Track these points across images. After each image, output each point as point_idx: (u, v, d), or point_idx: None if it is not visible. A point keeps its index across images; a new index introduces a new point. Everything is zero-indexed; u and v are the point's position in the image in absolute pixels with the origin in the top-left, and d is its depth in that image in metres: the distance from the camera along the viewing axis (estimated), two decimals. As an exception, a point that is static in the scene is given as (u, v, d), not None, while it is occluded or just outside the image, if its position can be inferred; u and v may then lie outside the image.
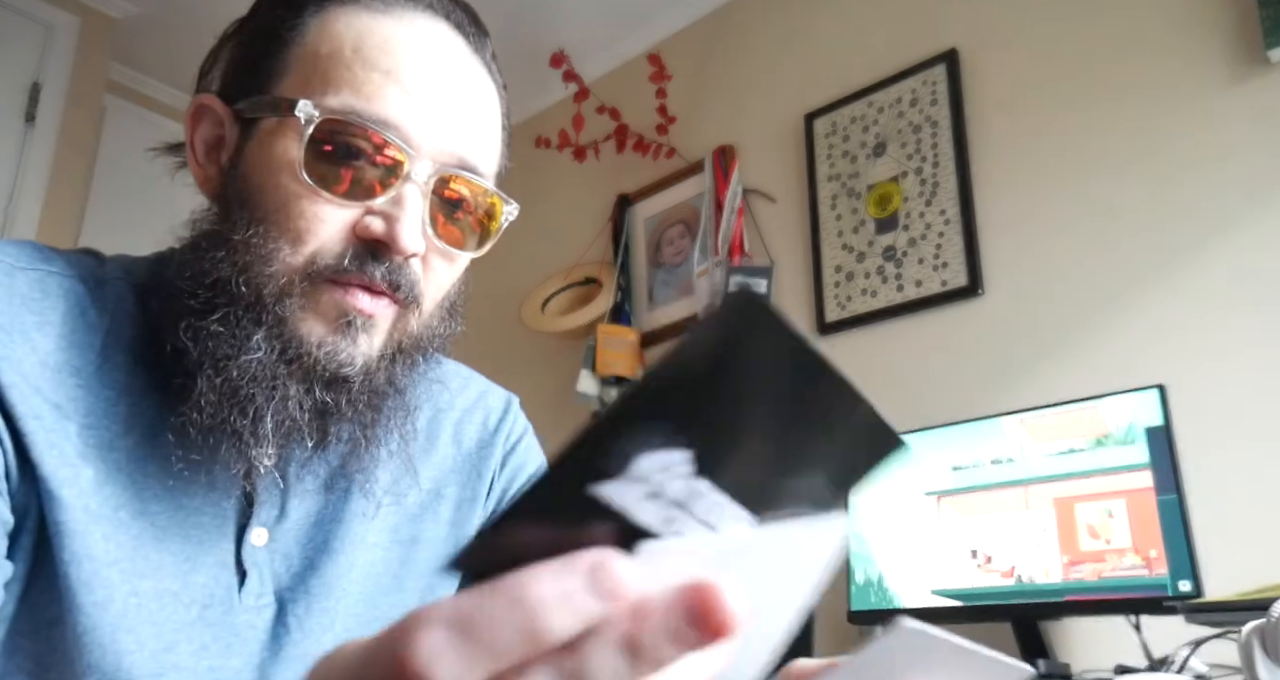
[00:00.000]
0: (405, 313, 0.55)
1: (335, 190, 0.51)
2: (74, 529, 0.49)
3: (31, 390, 0.50)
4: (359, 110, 0.51)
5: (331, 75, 0.52)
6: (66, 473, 0.50)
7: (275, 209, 0.52)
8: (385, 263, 0.52)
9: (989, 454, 1.09)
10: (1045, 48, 1.67)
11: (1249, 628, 0.83)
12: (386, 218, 0.52)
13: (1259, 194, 1.39)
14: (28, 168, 2.20)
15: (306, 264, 0.52)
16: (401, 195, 0.52)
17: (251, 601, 0.55)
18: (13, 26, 2.25)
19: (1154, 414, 1.06)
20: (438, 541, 0.63)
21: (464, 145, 0.54)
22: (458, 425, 0.67)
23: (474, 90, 0.56)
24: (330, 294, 0.52)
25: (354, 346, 0.52)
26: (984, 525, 1.07)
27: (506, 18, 2.33)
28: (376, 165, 0.52)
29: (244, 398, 0.51)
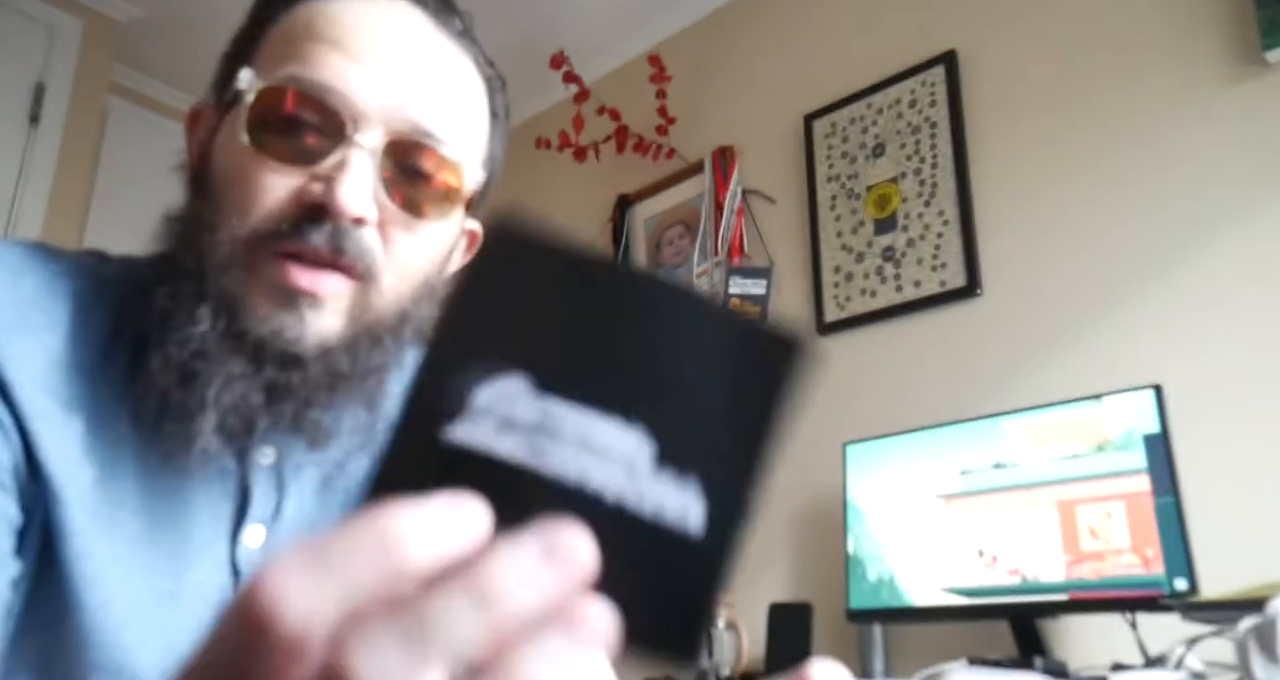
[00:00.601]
0: (364, 289, 0.53)
1: (277, 156, 0.51)
2: (77, 527, 0.49)
3: (39, 389, 0.50)
4: (299, 76, 0.51)
5: (281, 53, 0.53)
6: (70, 471, 0.50)
7: (225, 182, 0.52)
8: (327, 227, 0.50)
9: (995, 458, 1.14)
10: (1043, 49, 1.68)
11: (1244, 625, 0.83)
12: (328, 181, 0.50)
13: (1256, 195, 1.39)
14: (32, 168, 2.21)
15: (250, 233, 0.51)
16: (345, 159, 0.50)
17: None
18: (16, 28, 2.26)
19: (1151, 420, 1.09)
20: None
21: (421, 112, 0.53)
22: None
23: (435, 60, 0.55)
24: (271, 268, 0.51)
25: (302, 325, 0.51)
26: (990, 526, 1.11)
27: (507, 19, 2.34)
28: (320, 131, 0.51)
29: (189, 373, 0.50)
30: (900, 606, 1.35)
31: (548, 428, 0.23)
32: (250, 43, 0.56)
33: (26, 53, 2.27)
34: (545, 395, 0.23)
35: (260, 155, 0.51)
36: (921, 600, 1.19)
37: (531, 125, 2.61)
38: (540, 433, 0.23)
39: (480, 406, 0.22)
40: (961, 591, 1.16)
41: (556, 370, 0.23)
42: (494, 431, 0.22)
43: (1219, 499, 1.29)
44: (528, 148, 2.43)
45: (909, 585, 1.21)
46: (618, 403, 0.23)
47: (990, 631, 1.40)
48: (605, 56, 2.49)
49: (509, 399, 0.23)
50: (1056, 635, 1.37)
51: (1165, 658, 1.13)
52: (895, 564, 1.21)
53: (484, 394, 0.22)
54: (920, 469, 1.32)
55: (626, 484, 0.23)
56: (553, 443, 0.23)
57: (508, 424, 0.22)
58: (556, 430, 0.23)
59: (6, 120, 2.20)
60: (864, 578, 1.24)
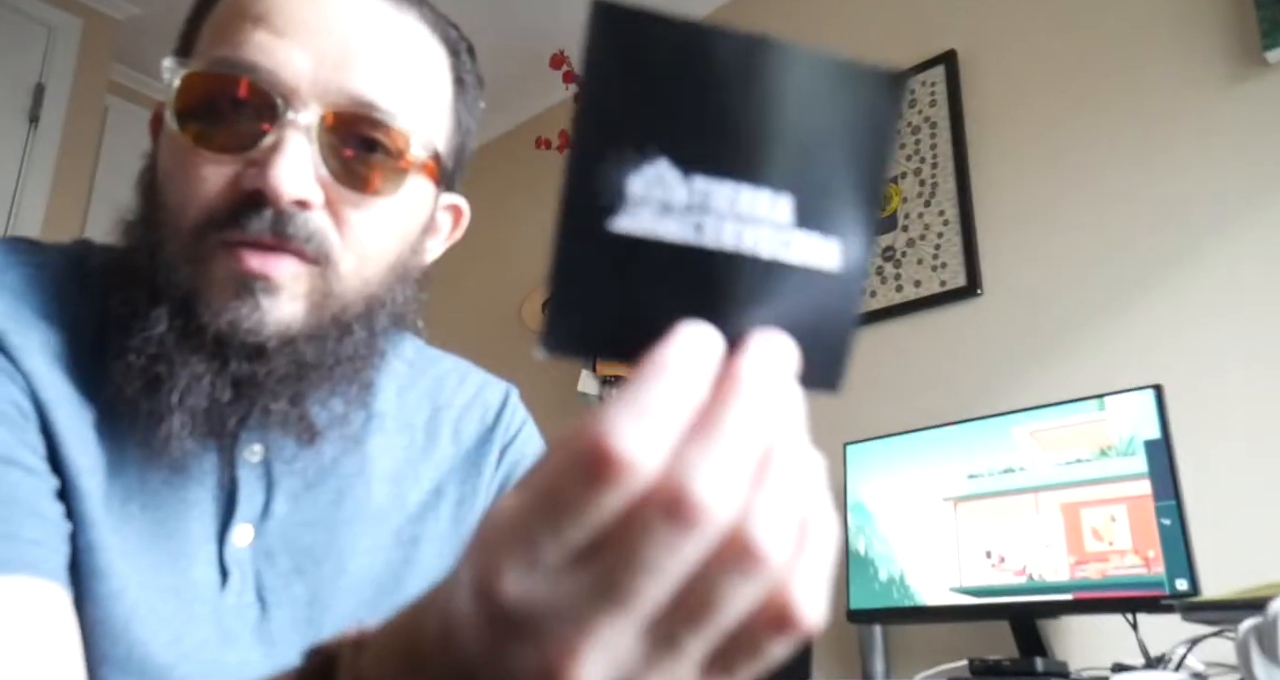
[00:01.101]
0: (322, 273, 0.51)
1: (211, 145, 0.49)
2: (91, 518, 0.49)
3: (52, 379, 0.50)
4: (223, 57, 0.49)
5: (210, 39, 0.51)
6: (85, 462, 0.50)
7: (166, 177, 0.51)
8: (267, 213, 0.48)
9: (1002, 463, 1.18)
10: (1044, 49, 1.68)
11: (1246, 626, 0.83)
12: (262, 165, 0.48)
13: (1257, 194, 1.39)
14: (31, 168, 2.21)
15: (193, 227, 0.49)
16: (280, 140, 0.48)
17: (233, 600, 0.54)
18: (16, 28, 2.26)
19: (1153, 426, 1.11)
20: (440, 539, 0.63)
21: (360, 83, 0.50)
22: (457, 423, 0.66)
23: (374, 28, 0.52)
24: (219, 258, 0.49)
25: (259, 312, 0.49)
26: (998, 528, 1.15)
27: (507, 19, 2.33)
28: (251, 113, 0.49)
29: (152, 378, 0.49)
30: (901, 606, 1.34)
31: (701, 205, 0.24)
32: (191, 36, 0.55)
33: (26, 52, 2.27)
34: (690, 174, 0.24)
35: (194, 145, 0.49)
36: (931, 600, 1.22)
37: (531, 125, 2.61)
38: (695, 211, 0.24)
39: (637, 195, 0.24)
40: (969, 591, 1.19)
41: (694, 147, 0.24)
42: (655, 217, 0.24)
43: (1220, 499, 1.29)
44: (528, 148, 2.43)
45: (919, 585, 1.24)
46: (754, 167, 0.25)
47: (991, 632, 1.40)
48: (605, 56, 2.49)
49: (661, 183, 0.24)
50: (1057, 636, 1.37)
51: (1166, 658, 1.13)
52: (905, 564, 1.25)
53: (637, 182, 0.24)
54: (926, 471, 1.32)
55: (776, 239, 0.25)
56: (708, 217, 0.24)
57: (665, 207, 0.24)
58: (708, 205, 0.24)
59: (6, 120, 2.20)
60: (874, 577, 1.27)
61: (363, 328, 0.53)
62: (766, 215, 0.25)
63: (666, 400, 0.23)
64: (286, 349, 0.50)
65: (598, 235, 0.24)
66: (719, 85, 0.24)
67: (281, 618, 0.55)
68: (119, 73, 2.60)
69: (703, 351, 0.24)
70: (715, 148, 0.24)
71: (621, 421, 0.23)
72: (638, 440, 0.22)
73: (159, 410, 0.49)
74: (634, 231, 0.24)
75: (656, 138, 0.24)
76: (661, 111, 0.24)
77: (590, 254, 0.24)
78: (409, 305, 0.57)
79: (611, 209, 0.24)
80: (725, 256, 0.25)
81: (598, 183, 0.24)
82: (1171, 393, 1.24)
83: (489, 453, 0.66)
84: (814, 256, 0.25)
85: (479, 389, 0.69)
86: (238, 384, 0.50)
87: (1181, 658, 1.10)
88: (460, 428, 0.66)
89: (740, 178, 0.25)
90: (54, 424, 0.49)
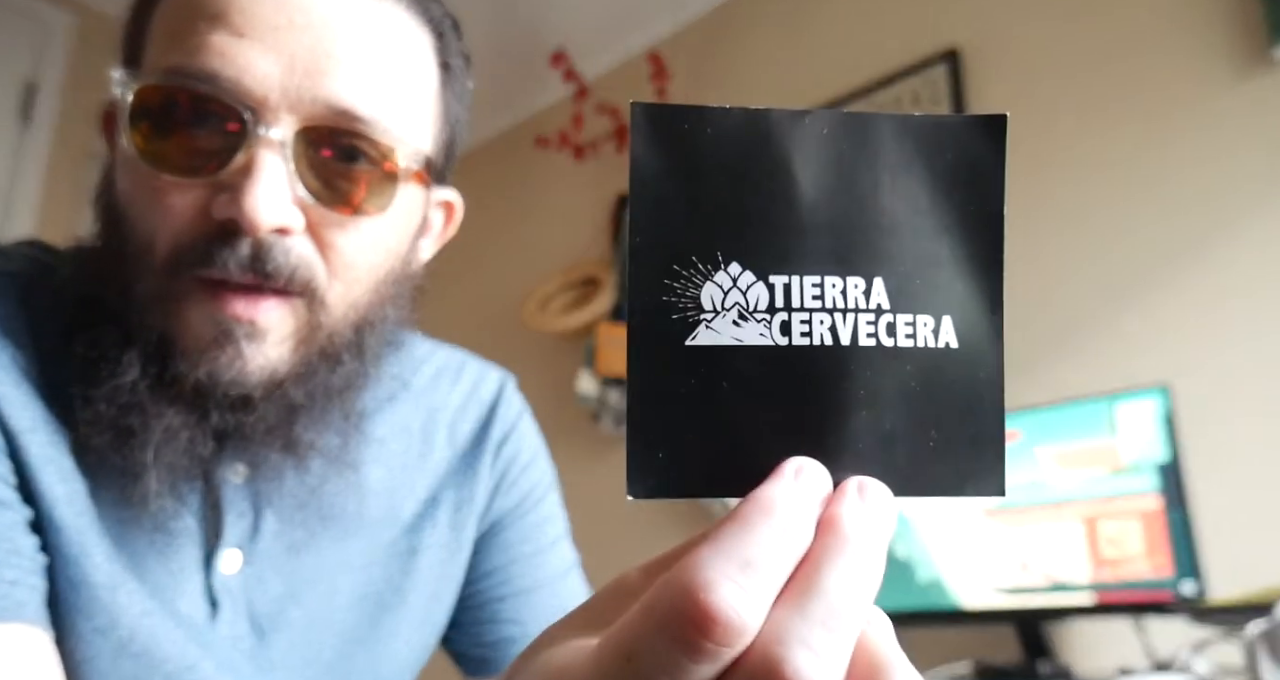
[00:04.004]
0: (307, 306, 0.46)
1: (174, 168, 0.43)
2: (70, 553, 0.46)
3: (21, 402, 0.46)
4: (178, 66, 0.43)
5: (162, 42, 0.45)
6: (62, 490, 0.46)
7: (127, 203, 0.45)
8: (244, 246, 0.43)
9: (1029, 479, 1.31)
10: (1047, 47, 1.67)
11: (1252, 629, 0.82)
12: (233, 190, 0.43)
13: (1263, 192, 1.38)
14: (24, 167, 2.20)
15: (163, 262, 0.44)
16: (251, 160, 0.42)
17: (225, 632, 0.51)
18: (9, 25, 2.25)
19: (1161, 449, 1.21)
20: (438, 548, 0.61)
21: (336, 88, 0.44)
22: (452, 425, 0.64)
23: (352, 23, 0.45)
24: (198, 299, 0.44)
25: (241, 360, 0.44)
26: (1026, 536, 1.30)
27: (506, 17, 2.32)
28: (215, 129, 0.43)
29: (122, 430, 0.44)
30: (905, 609, 1.35)
31: (783, 303, 0.22)
32: (137, 32, 0.48)
33: (18, 49, 2.25)
34: (766, 273, 0.22)
35: (153, 168, 0.43)
36: (968, 601, 1.33)
37: (531, 124, 2.60)
38: (778, 311, 0.22)
39: (712, 306, 0.22)
40: (1002, 591, 1.30)
41: (765, 245, 0.22)
42: (735, 324, 0.22)
43: (1229, 501, 1.28)
44: (527, 147, 2.41)
45: (955, 586, 1.35)
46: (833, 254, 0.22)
47: (995, 636, 1.39)
48: (605, 55, 2.47)
49: (737, 289, 0.22)
50: (1062, 639, 1.36)
51: (1173, 662, 1.12)
52: (943, 568, 1.37)
53: (711, 292, 0.22)
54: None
55: (878, 325, 0.23)
56: (794, 315, 0.22)
57: (744, 313, 0.22)
58: (792, 302, 0.22)
59: (-1, 118, 2.18)
60: (913, 579, 1.38)
61: (353, 357, 0.49)
62: (858, 302, 0.22)
63: (772, 551, 0.20)
64: (274, 395, 0.46)
65: (676, 356, 0.22)
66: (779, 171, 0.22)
67: (281, 642, 0.53)
68: (114, 71, 2.58)
69: (809, 490, 0.21)
70: (786, 241, 0.22)
71: (724, 575, 0.20)
72: (742, 599, 0.20)
73: (133, 467, 0.44)
74: (716, 343, 0.22)
75: (724, 241, 0.22)
76: (722, 211, 0.22)
77: (671, 379, 0.22)
78: (401, 321, 0.52)
79: (687, 326, 0.22)
80: (821, 353, 0.22)
81: (666, 301, 0.21)
82: (1178, 391, 1.23)
83: (484, 452, 0.64)
84: (923, 337, 0.23)
85: (474, 386, 0.66)
86: (221, 436, 0.46)
87: (1188, 662, 1.09)
88: (455, 428, 0.64)
89: (820, 269, 0.22)
90: (24, 452, 0.45)
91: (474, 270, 2.58)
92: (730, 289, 0.22)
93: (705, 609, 0.19)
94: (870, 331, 0.22)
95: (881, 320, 0.22)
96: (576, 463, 2.19)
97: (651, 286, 0.21)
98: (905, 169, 0.22)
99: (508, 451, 0.65)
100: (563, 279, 2.32)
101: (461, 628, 0.64)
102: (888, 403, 0.22)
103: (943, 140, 0.22)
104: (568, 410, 2.20)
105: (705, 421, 0.22)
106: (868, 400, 0.22)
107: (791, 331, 0.22)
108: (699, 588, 0.20)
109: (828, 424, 0.22)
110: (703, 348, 0.22)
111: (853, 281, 0.22)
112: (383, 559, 0.58)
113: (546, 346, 2.36)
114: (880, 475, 0.22)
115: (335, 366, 0.48)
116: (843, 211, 0.22)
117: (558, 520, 0.68)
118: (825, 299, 0.22)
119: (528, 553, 0.65)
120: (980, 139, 0.23)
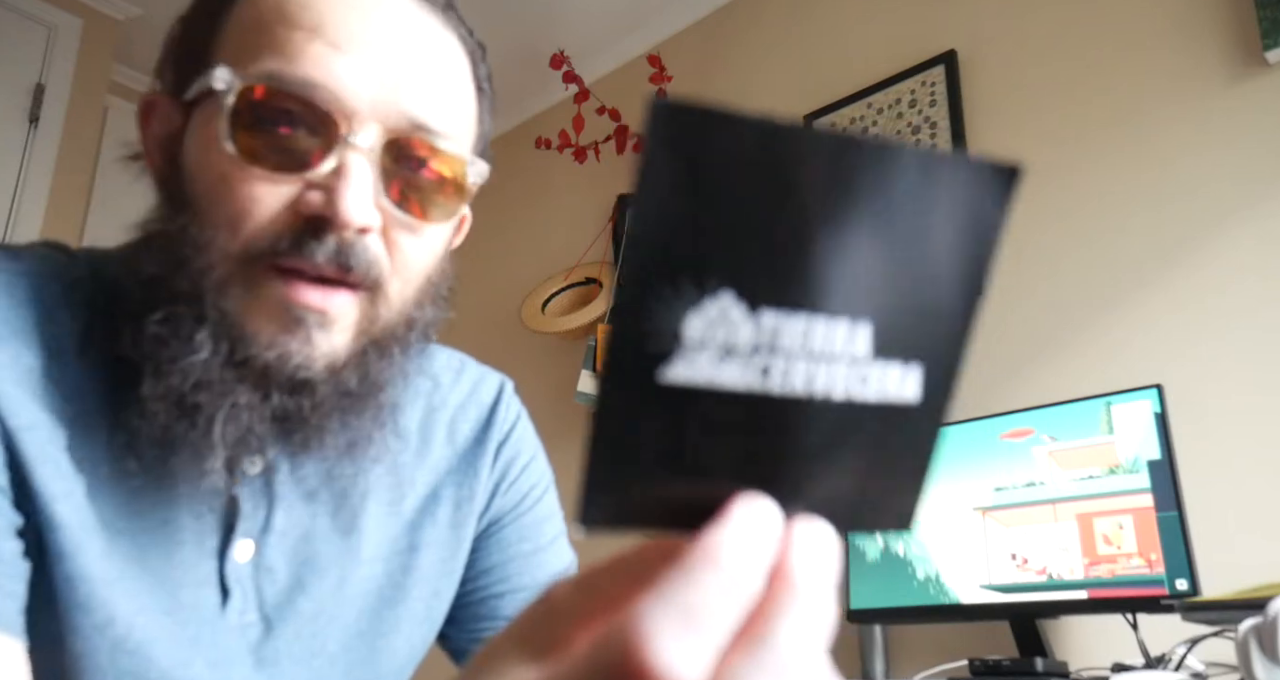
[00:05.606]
0: (371, 299, 0.49)
1: (267, 164, 0.46)
2: (67, 549, 0.46)
3: (21, 399, 0.47)
4: (280, 73, 0.46)
5: (253, 42, 0.48)
6: (60, 487, 0.47)
7: (208, 193, 0.47)
8: (330, 241, 0.46)
9: (1024, 478, 1.33)
10: (1043, 49, 1.68)
11: (1246, 626, 0.83)
12: (326, 189, 0.46)
13: (1257, 194, 1.39)
14: (32, 168, 2.21)
15: (243, 250, 0.46)
16: (343, 163, 0.46)
17: (235, 620, 0.52)
18: (16, 28, 2.26)
19: (1155, 448, 1.22)
20: (438, 545, 0.62)
21: (416, 104, 0.48)
22: (451, 423, 0.65)
23: (424, 44, 0.50)
24: (273, 286, 0.46)
25: (310, 347, 0.47)
26: (1021, 534, 1.31)
27: (507, 19, 2.33)
28: (309, 132, 0.46)
29: (190, 406, 0.46)
30: (901, 606, 1.36)
31: (769, 344, 0.21)
32: (209, 28, 0.51)
33: (26, 52, 2.26)
34: (758, 308, 0.20)
35: (246, 163, 0.46)
36: (964, 597, 1.34)
37: (531, 125, 2.61)
38: (763, 352, 0.21)
39: (694, 338, 0.20)
40: (996, 588, 1.31)
41: (764, 275, 0.20)
42: (715, 362, 0.20)
43: (1221, 499, 1.29)
44: (528, 148, 2.42)
45: (952, 583, 1.36)
46: (831, 294, 0.21)
47: (991, 632, 1.40)
48: (605, 56, 2.49)
49: (725, 322, 0.20)
50: (1057, 636, 1.37)
51: (1166, 658, 1.13)
52: (940, 566, 1.38)
53: (696, 322, 0.20)
54: (956, 484, 1.40)
55: (852, 376, 0.21)
56: (777, 358, 0.21)
57: (728, 351, 0.20)
58: (777, 345, 0.21)
59: (6, 120, 2.20)
60: (912, 576, 1.40)
61: (400, 350, 0.52)
62: (843, 349, 0.21)
63: (718, 602, 0.20)
64: (331, 379, 0.49)
65: (647, 388, 0.20)
66: (798, 197, 0.20)
67: (286, 633, 0.54)
68: (119, 73, 2.59)
69: (761, 537, 0.21)
70: (789, 274, 0.20)
71: (666, 630, 0.19)
72: (684, 654, 0.19)
73: (195, 440, 0.46)
74: (691, 382, 0.20)
75: (721, 266, 0.20)
76: (729, 233, 0.20)
77: (637, 411, 0.20)
78: (436, 320, 0.55)
79: (665, 355, 0.20)
80: (793, 403, 0.21)
81: (648, 324, 0.20)
82: (1172, 391, 1.24)
83: (485, 452, 0.65)
84: (893, 390, 0.22)
85: (474, 386, 0.67)
86: (279, 418, 0.48)
87: (1181, 658, 1.10)
88: (455, 428, 0.65)
89: (815, 308, 0.21)
90: (22, 449, 0.46)
91: (474, 271, 2.59)
92: (717, 321, 0.20)
93: (647, 665, 0.19)
94: (845, 385, 0.21)
95: (857, 371, 0.22)
96: (576, 462, 2.20)
97: (636, 305, 0.20)
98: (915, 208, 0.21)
99: (508, 452, 0.66)
100: (563, 279, 2.34)
101: (459, 624, 0.66)
102: (843, 450, 0.22)
103: (957, 181, 0.21)
104: (568, 410, 2.21)
105: (666, 459, 0.21)
106: (825, 447, 0.22)
107: (771, 376, 0.21)
108: (641, 642, 0.19)
109: (783, 466, 0.21)
110: (676, 388, 0.20)
111: (841, 325, 0.21)
112: (386, 554, 0.59)
113: (547, 347, 2.37)
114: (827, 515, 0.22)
115: (384, 358, 0.51)
116: (846, 248, 0.21)
117: (555, 521, 0.69)
118: (811, 344, 0.21)
119: (526, 551, 0.66)
120: (991, 185, 0.21)
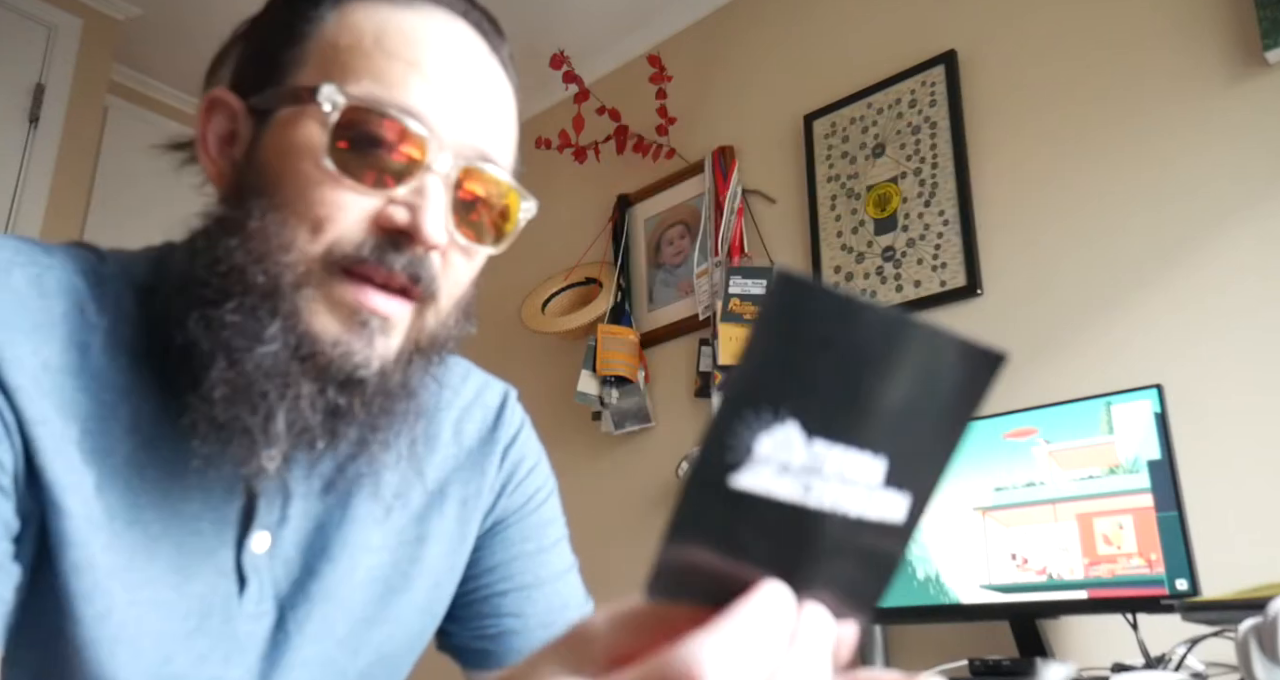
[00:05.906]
0: (423, 310, 0.53)
1: (357, 178, 0.50)
2: (75, 539, 0.48)
3: (38, 393, 0.48)
4: (382, 98, 0.50)
5: (352, 65, 0.51)
6: (70, 479, 0.48)
7: (294, 197, 0.50)
8: (407, 254, 0.51)
9: (1024, 478, 1.32)
10: (1044, 49, 1.68)
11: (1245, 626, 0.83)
12: (411, 208, 0.50)
13: (1258, 193, 1.39)
14: (31, 168, 2.21)
15: (325, 253, 0.50)
16: (424, 186, 0.51)
17: (251, 608, 0.54)
18: (16, 28, 2.26)
19: (1155, 448, 1.22)
20: (444, 538, 0.63)
21: (484, 139, 0.54)
22: (458, 423, 0.67)
23: (493, 87, 0.56)
24: (346, 289, 0.50)
25: (370, 348, 0.51)
26: (1021, 534, 1.31)
27: (507, 18, 2.31)
28: (399, 154, 0.51)
29: (257, 393, 0.49)
30: (901, 606, 1.37)
31: (814, 467, 0.26)
32: (288, 40, 0.54)
33: (26, 52, 2.26)
34: (812, 438, 0.26)
35: (340, 173, 0.50)
36: (964, 597, 1.33)
37: (531, 125, 2.61)
38: (808, 473, 0.26)
39: (762, 455, 0.25)
40: (996, 588, 1.31)
41: (821, 414, 0.26)
42: (773, 476, 0.26)
43: (1220, 498, 1.29)
44: (528, 147, 2.41)
45: (952, 583, 1.35)
46: (865, 436, 0.27)
47: (991, 632, 1.40)
48: (605, 56, 2.49)
49: (787, 445, 0.26)
50: (1057, 636, 1.37)
51: (1166, 658, 1.13)
52: (940, 565, 1.37)
53: (766, 442, 0.25)
54: (956, 484, 1.40)
55: (865, 499, 0.27)
56: (817, 479, 0.26)
57: (784, 468, 0.26)
58: (820, 468, 0.26)
59: (6, 120, 2.20)
60: (912, 576, 1.39)
61: (436, 358, 0.57)
62: (863, 478, 0.27)
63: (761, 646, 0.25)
64: (379, 381, 0.52)
65: (720, 489, 0.25)
66: (858, 356, 0.25)
67: (297, 619, 0.55)
68: (119, 73, 2.59)
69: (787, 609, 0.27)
70: (841, 415, 0.26)
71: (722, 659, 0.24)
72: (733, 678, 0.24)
73: (254, 425, 0.49)
74: (751, 489, 0.26)
75: (794, 401, 0.25)
76: (806, 377, 0.25)
77: (710, 505, 0.26)
78: (463, 334, 0.60)
79: (737, 465, 0.25)
80: (819, 515, 0.27)
81: (732, 439, 0.25)
82: (1172, 391, 1.24)
83: (492, 453, 0.67)
84: (889, 512, 0.28)
85: (478, 390, 0.70)
86: (331, 412, 0.51)
87: (1181, 658, 1.10)
88: (461, 427, 0.67)
89: (852, 443, 0.26)
90: (36, 441, 0.47)
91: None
92: (783, 444, 0.26)
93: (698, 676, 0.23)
94: (859, 506, 0.27)
95: (871, 496, 0.27)
96: (577, 462, 2.21)
97: (729, 422, 0.25)
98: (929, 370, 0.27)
99: (514, 455, 0.68)
100: (563, 279, 2.34)
101: (463, 622, 0.67)
102: (844, 555, 0.28)
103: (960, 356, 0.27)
104: (568, 410, 2.21)
105: (721, 549, 0.26)
106: (833, 551, 0.27)
107: (810, 492, 0.26)
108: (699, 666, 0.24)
109: (802, 564, 0.27)
110: (741, 492, 0.26)
111: (868, 458, 0.27)
112: (394, 544, 0.61)
113: (547, 347, 2.37)
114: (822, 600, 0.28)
115: (423, 364, 0.55)
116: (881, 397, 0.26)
117: (559, 524, 0.72)
118: (844, 471, 0.27)
119: (530, 551, 0.68)
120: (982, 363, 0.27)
